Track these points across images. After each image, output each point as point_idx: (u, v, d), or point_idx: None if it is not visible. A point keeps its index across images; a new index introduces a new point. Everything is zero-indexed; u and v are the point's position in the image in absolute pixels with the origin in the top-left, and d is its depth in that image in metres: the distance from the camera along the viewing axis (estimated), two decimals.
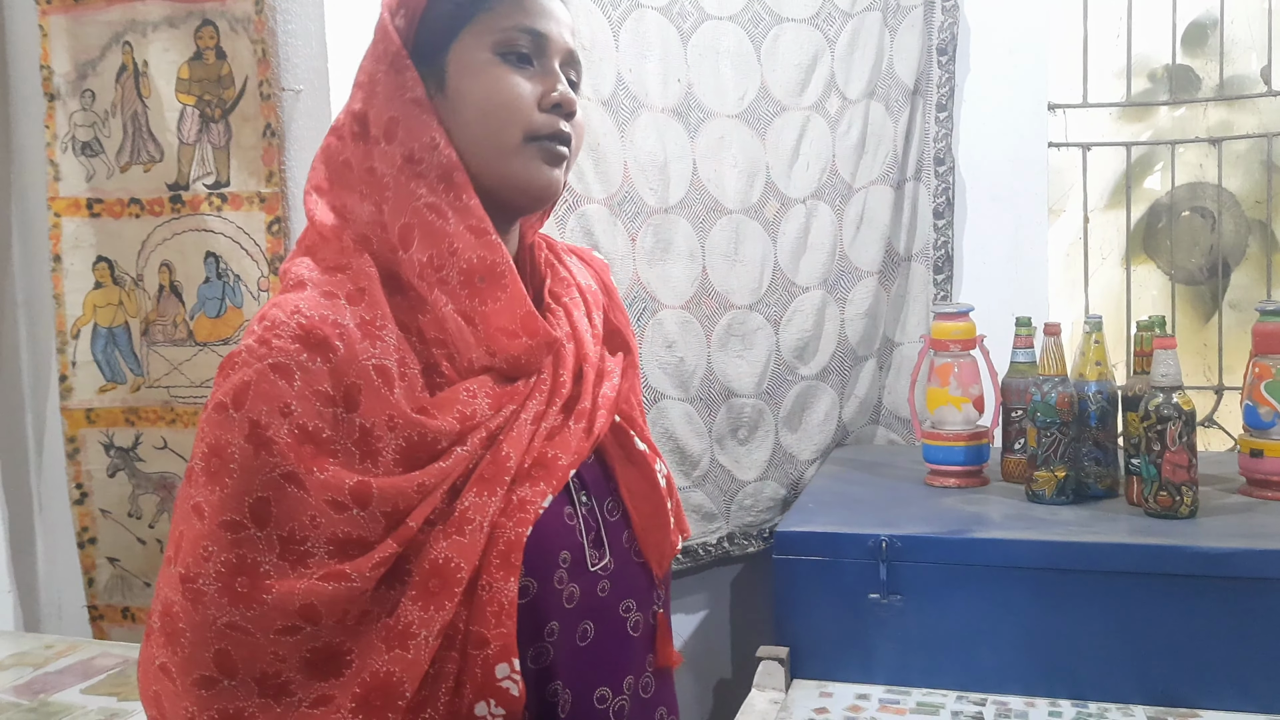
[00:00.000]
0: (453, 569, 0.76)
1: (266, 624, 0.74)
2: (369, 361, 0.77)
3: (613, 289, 1.00)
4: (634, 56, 1.94)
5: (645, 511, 0.91)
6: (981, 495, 1.77)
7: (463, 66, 0.84)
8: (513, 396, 0.83)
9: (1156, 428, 1.55)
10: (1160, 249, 2.42)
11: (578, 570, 0.84)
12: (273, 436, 0.74)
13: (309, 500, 0.75)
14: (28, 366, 1.76)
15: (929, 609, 1.53)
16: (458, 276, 0.81)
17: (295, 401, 0.75)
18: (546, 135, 0.84)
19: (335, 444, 0.76)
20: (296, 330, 0.77)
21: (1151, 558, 1.45)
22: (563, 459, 0.84)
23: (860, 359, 2.24)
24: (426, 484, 0.77)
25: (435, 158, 0.82)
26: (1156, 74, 2.41)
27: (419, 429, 0.78)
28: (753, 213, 2.11)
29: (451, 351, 0.82)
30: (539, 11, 0.85)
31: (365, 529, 0.76)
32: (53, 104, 1.65)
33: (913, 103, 2.23)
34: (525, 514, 0.80)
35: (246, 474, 0.74)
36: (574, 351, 0.89)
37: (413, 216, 0.82)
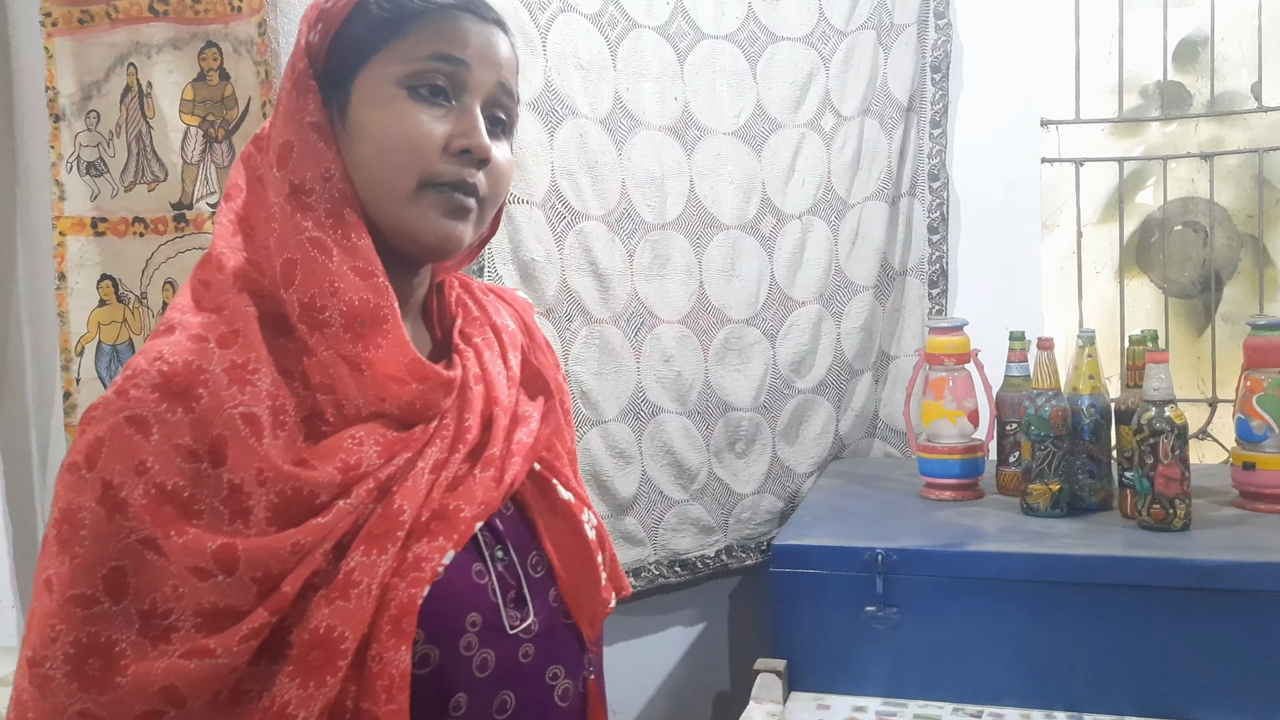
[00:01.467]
0: (336, 639, 0.68)
1: (123, 710, 0.66)
2: (235, 410, 0.69)
3: (535, 329, 0.92)
4: (631, 76, 1.97)
5: (573, 566, 0.83)
6: (976, 508, 1.79)
7: (365, 96, 0.75)
8: (407, 444, 0.75)
9: (1149, 441, 1.57)
10: (1153, 263, 2.44)
11: (492, 634, 0.76)
12: (127, 498, 0.66)
13: (170, 568, 0.67)
14: (32, 384, 1.77)
15: (925, 622, 1.54)
16: (339, 319, 0.73)
17: (152, 458, 0.67)
18: (448, 183, 0.75)
19: (199, 503, 0.68)
20: (156, 378, 0.69)
21: (1145, 570, 1.47)
22: (466, 510, 0.75)
23: (856, 373, 2.26)
24: (302, 543, 0.69)
25: (327, 190, 0.74)
26: (1148, 90, 2.44)
27: (293, 482, 0.69)
28: (749, 228, 2.13)
29: (339, 398, 0.74)
30: (462, 41, 0.76)
31: (235, 597, 0.67)
32: (58, 125, 1.67)
33: (907, 119, 2.26)
34: (420, 573, 0.71)
35: (99, 541, 0.66)
36: (483, 394, 0.81)
37: (296, 251, 0.74)
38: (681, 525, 2.06)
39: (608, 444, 1.94)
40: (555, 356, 0.95)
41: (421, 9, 0.76)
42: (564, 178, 1.87)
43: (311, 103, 0.76)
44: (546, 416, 0.86)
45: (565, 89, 1.86)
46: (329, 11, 0.77)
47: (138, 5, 1.61)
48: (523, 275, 1.81)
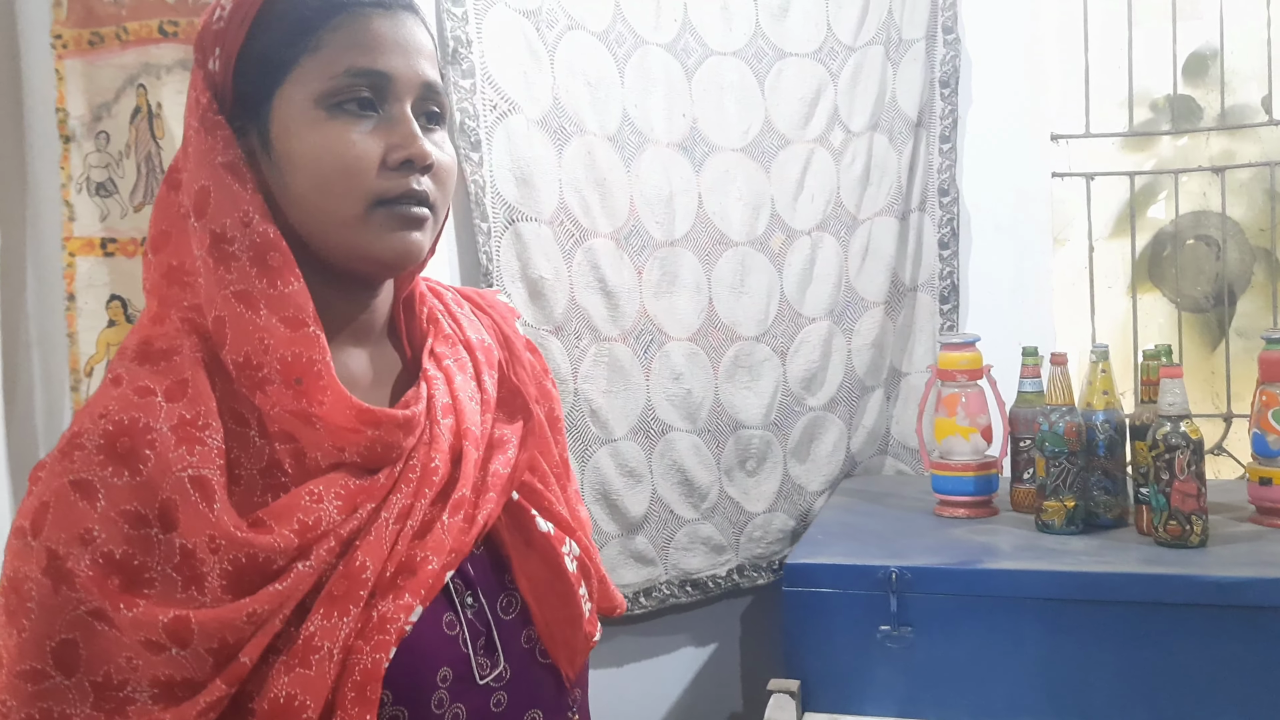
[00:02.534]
0: (297, 709, 0.64)
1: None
2: (185, 473, 0.65)
3: (513, 339, 0.86)
4: (639, 93, 1.97)
5: (549, 605, 0.78)
6: (991, 525, 1.77)
7: (287, 124, 0.70)
8: (370, 493, 0.70)
9: (1165, 457, 1.55)
10: (1165, 277, 2.43)
11: (462, 686, 0.72)
12: (73, 569, 0.63)
13: (123, 639, 0.63)
14: (41, 404, 1.77)
15: (940, 640, 1.53)
16: (278, 376, 0.69)
17: (98, 525, 0.64)
18: (396, 198, 0.71)
19: (150, 570, 0.64)
20: (100, 439, 0.65)
21: (1162, 587, 1.45)
22: (434, 562, 0.71)
23: (868, 389, 2.25)
24: (258, 612, 0.65)
25: (246, 236, 0.69)
26: (1158, 104, 2.43)
27: (247, 549, 0.65)
28: (758, 245, 2.12)
29: (299, 446, 0.70)
30: (381, 47, 0.71)
31: (190, 670, 0.64)
32: (68, 146, 1.67)
33: (916, 135, 2.25)
34: (385, 635, 0.67)
35: (47, 613, 0.63)
36: (452, 427, 0.76)
37: (223, 307, 0.69)
38: (692, 544, 2.04)
39: (617, 463, 1.93)
40: (543, 362, 0.91)
41: (325, 12, 0.71)
42: (572, 195, 1.87)
43: (220, 140, 0.71)
44: (525, 441, 0.80)
45: (573, 106, 1.86)
46: (225, 34, 0.72)
47: (148, 26, 1.62)
48: (531, 293, 1.81)
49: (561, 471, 0.87)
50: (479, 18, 1.75)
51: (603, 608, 0.88)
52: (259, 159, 0.72)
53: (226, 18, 0.72)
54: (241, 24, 0.71)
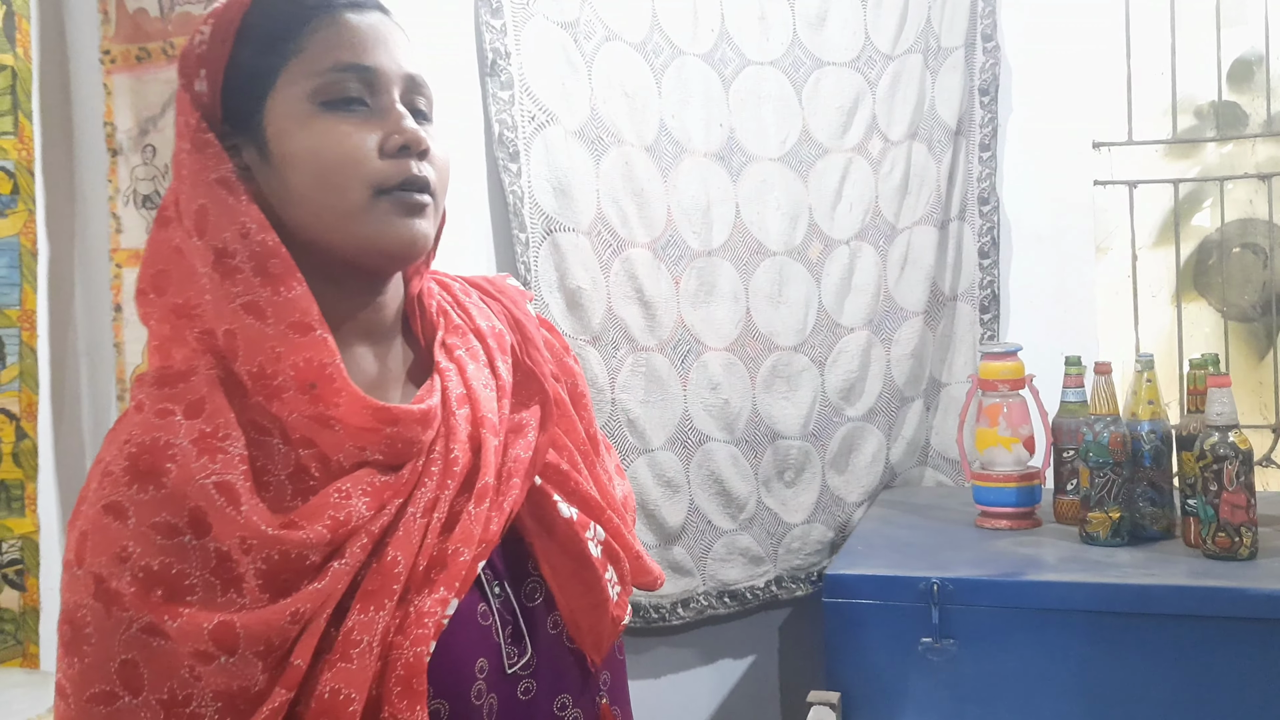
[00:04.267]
0: (342, 702, 0.65)
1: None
2: (208, 480, 0.66)
3: (525, 322, 0.86)
4: (677, 103, 1.97)
5: (573, 591, 0.78)
6: (1034, 537, 1.75)
7: (282, 127, 0.72)
8: (396, 489, 0.72)
9: (1213, 467, 1.52)
10: (1211, 286, 2.39)
11: (497, 677, 0.74)
12: (118, 588, 0.64)
13: (180, 652, 0.64)
14: (88, 413, 1.80)
15: (983, 653, 1.51)
16: (292, 384, 0.70)
17: (132, 542, 0.65)
18: (397, 185, 0.72)
19: (190, 578, 0.65)
20: (124, 462, 0.67)
21: (1211, 600, 1.42)
22: (465, 553, 0.71)
23: (907, 400, 2.23)
24: (300, 612, 0.66)
25: (247, 247, 0.70)
26: (1202, 110, 2.39)
27: (279, 546, 0.66)
28: (796, 254, 2.12)
29: (321, 450, 0.71)
30: (360, 43, 0.73)
31: (243, 676, 0.65)
32: (115, 159, 1.70)
33: (955, 143, 2.24)
34: (424, 629, 0.68)
35: (103, 636, 0.64)
36: (469, 417, 0.77)
37: (233, 320, 0.70)
38: (730, 555, 2.03)
39: (655, 473, 1.92)
40: (560, 339, 0.91)
41: (302, 17, 0.73)
42: (610, 205, 1.87)
43: (212, 158, 0.72)
44: (544, 422, 0.80)
45: (611, 117, 1.87)
46: (208, 55, 0.74)
47: None
48: (569, 303, 1.81)
49: (589, 449, 0.86)
50: (517, 30, 1.76)
51: (641, 583, 0.87)
52: (256, 169, 0.74)
53: (208, 39, 0.74)
54: (224, 42, 0.73)
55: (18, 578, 1.60)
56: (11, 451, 1.60)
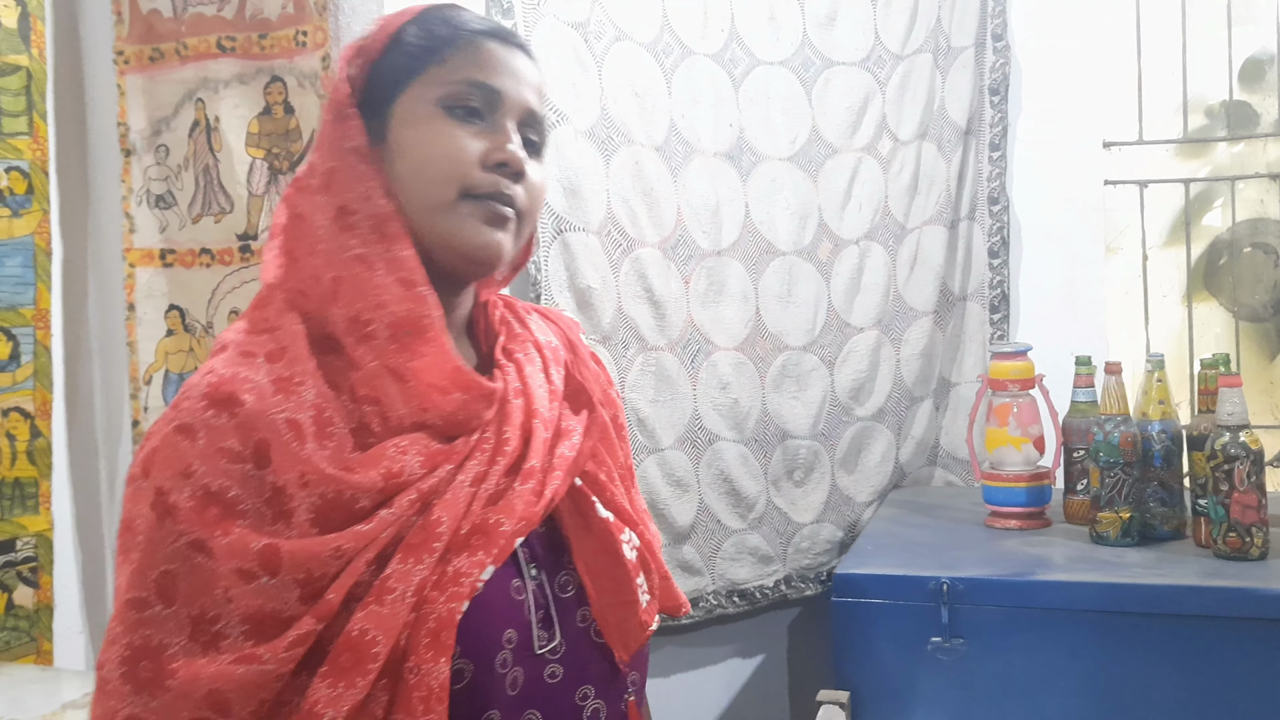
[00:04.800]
0: (368, 643, 0.68)
1: (170, 715, 0.68)
2: (279, 415, 0.71)
3: (579, 345, 0.93)
4: (686, 103, 1.97)
5: (605, 588, 0.82)
6: (1044, 537, 1.75)
7: (405, 118, 0.80)
8: (449, 456, 0.76)
9: (1224, 467, 1.52)
10: (1222, 286, 2.38)
11: (523, 653, 0.77)
12: (175, 502, 0.69)
13: (219, 571, 0.68)
14: (101, 412, 1.81)
15: (992, 653, 1.51)
16: (384, 330, 0.76)
17: (198, 461, 0.70)
18: (486, 194, 0.78)
19: (244, 503, 0.70)
20: (205, 389, 0.72)
21: (1222, 601, 1.42)
22: (506, 525, 0.76)
23: (916, 399, 2.23)
24: (344, 548, 0.70)
25: (369, 208, 0.78)
26: (1213, 110, 2.39)
27: (334, 485, 0.71)
28: (805, 254, 2.12)
29: (384, 409, 0.76)
30: (494, 67, 0.81)
31: (278, 600, 0.69)
32: (129, 159, 1.71)
33: (965, 143, 2.24)
34: (459, 587, 0.72)
35: (152, 545, 0.69)
36: (523, 408, 0.82)
37: (343, 269, 0.77)
38: (739, 554, 2.04)
39: (664, 472, 1.93)
40: (607, 373, 0.96)
41: (452, 36, 0.81)
42: (620, 205, 1.88)
43: (351, 129, 0.80)
44: (589, 429, 0.86)
45: (621, 117, 1.87)
46: (367, 48, 0.83)
47: (206, 42, 1.65)
48: (579, 303, 1.82)
49: (626, 475, 0.91)
50: (528, 29, 1.77)
51: (666, 606, 0.91)
52: (376, 150, 0.81)
53: (371, 36, 0.83)
54: (384, 39, 0.82)
55: (32, 575, 1.62)
56: (26, 449, 1.61)
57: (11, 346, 1.60)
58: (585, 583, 0.82)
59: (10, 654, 1.59)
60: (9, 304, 1.59)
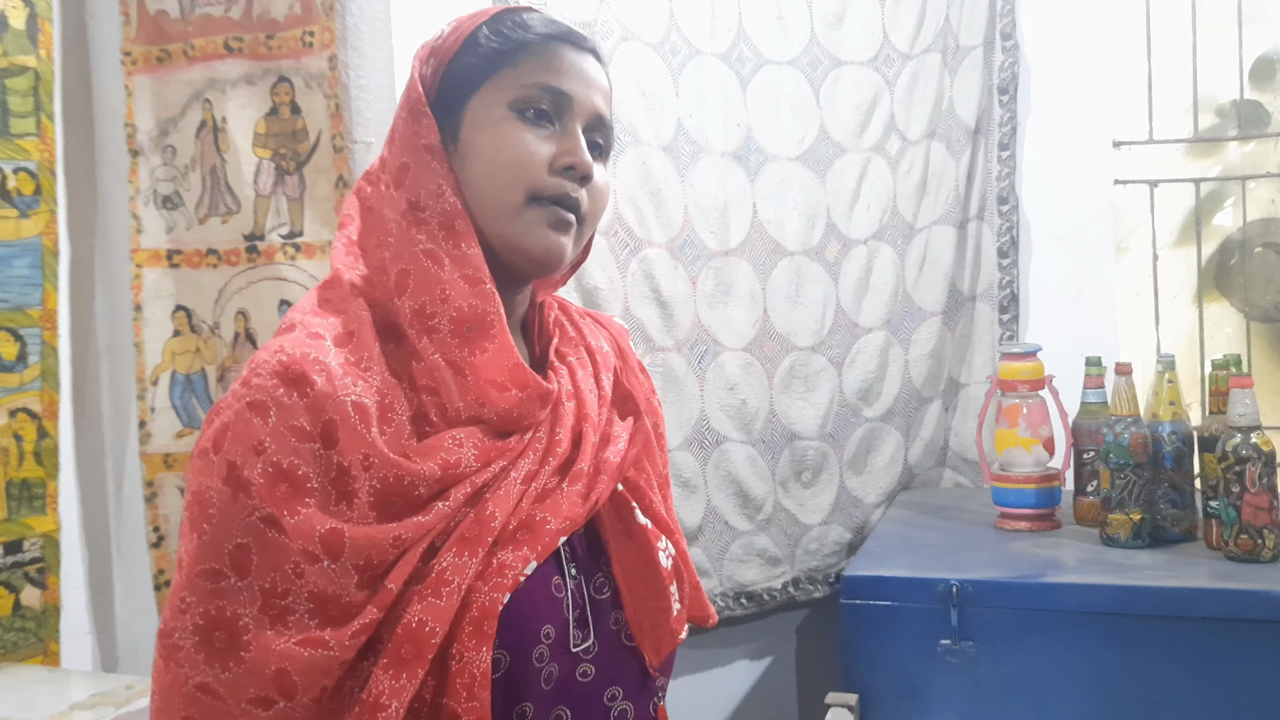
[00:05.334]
0: (426, 634, 0.71)
1: (240, 690, 0.70)
2: (347, 398, 0.73)
3: (629, 353, 0.95)
4: (694, 103, 1.97)
5: (639, 593, 0.84)
6: (1054, 539, 1.74)
7: (477, 119, 0.81)
8: (503, 452, 0.78)
9: (1235, 469, 1.51)
10: (1233, 286, 2.37)
11: (558, 649, 0.78)
12: (249, 477, 0.71)
13: (290, 547, 0.71)
14: (108, 412, 1.81)
15: (1003, 655, 1.50)
16: (448, 324, 0.78)
17: (269, 438, 0.72)
18: (551, 197, 0.80)
19: (311, 481, 0.72)
20: (275, 367, 0.74)
21: (1234, 603, 1.41)
22: (551, 523, 0.78)
23: (925, 400, 2.22)
24: (403, 538, 0.72)
25: (439, 205, 0.80)
26: (1224, 109, 2.37)
27: (395, 470, 0.73)
28: (814, 254, 2.11)
29: (442, 400, 0.78)
30: (565, 71, 0.82)
31: (338, 584, 0.71)
32: (136, 159, 1.71)
33: (974, 142, 2.23)
34: (503, 579, 0.74)
35: (226, 519, 0.71)
36: (574, 411, 0.84)
37: (410, 262, 0.79)
38: (747, 556, 2.03)
39: (672, 473, 1.92)
40: (650, 382, 0.98)
41: (525, 40, 0.82)
42: (627, 205, 1.87)
43: (426, 127, 0.81)
44: (634, 436, 0.88)
45: (628, 117, 1.87)
46: (441, 48, 0.84)
47: (213, 43, 1.65)
48: (586, 303, 1.81)
49: (663, 484, 0.93)
50: None
51: (695, 616, 0.92)
52: (448, 150, 0.82)
53: (446, 37, 0.85)
54: (457, 40, 0.84)
55: (39, 576, 1.62)
56: (33, 450, 1.61)
57: (19, 347, 1.60)
58: (620, 586, 0.84)
59: (17, 654, 1.59)
60: (16, 305, 1.59)
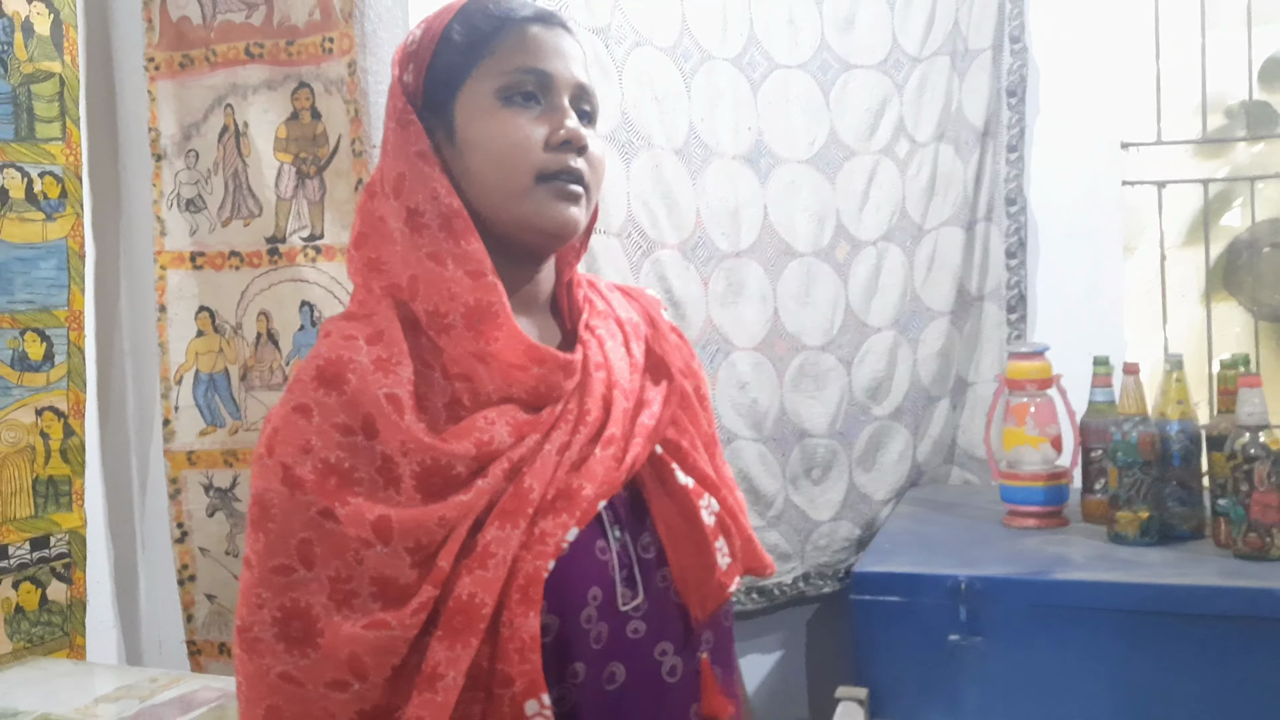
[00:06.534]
0: (477, 605, 0.75)
1: (318, 675, 0.75)
2: (381, 391, 0.78)
3: (659, 320, 0.97)
4: (705, 106, 1.99)
5: (683, 550, 0.87)
6: (1062, 536, 1.76)
7: (468, 114, 0.84)
8: (535, 426, 0.82)
9: (1244, 467, 1.53)
10: (1242, 286, 2.38)
11: (607, 609, 0.82)
12: (301, 475, 0.77)
13: (348, 535, 0.76)
14: (133, 411, 1.84)
15: (1011, 651, 1.52)
16: (460, 320, 0.81)
17: (315, 437, 0.77)
18: (556, 173, 0.83)
19: (358, 472, 0.77)
20: (314, 371, 0.80)
21: (1242, 601, 1.43)
22: (588, 489, 0.81)
23: (934, 399, 2.24)
24: (448, 518, 0.77)
25: (436, 208, 0.83)
26: (1233, 110, 2.39)
27: (431, 452, 0.77)
28: (823, 255, 2.13)
29: (474, 385, 0.82)
30: (541, 50, 0.85)
31: (393, 567, 0.76)
32: (160, 164, 1.74)
33: (983, 144, 2.25)
34: (545, 547, 0.78)
35: (287, 516, 0.76)
36: (604, 380, 0.87)
37: (417, 267, 0.83)
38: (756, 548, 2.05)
39: None
40: (689, 347, 1.00)
41: (497, 28, 0.85)
42: (640, 207, 1.90)
43: (414, 134, 0.84)
44: (668, 399, 0.90)
45: (641, 121, 1.89)
46: (417, 53, 0.87)
47: (235, 49, 1.68)
48: None
49: (710, 443, 0.96)
50: None
51: (751, 567, 0.95)
52: (444, 149, 0.85)
53: (418, 40, 0.87)
54: (431, 42, 0.86)
55: (65, 571, 1.65)
56: (60, 448, 1.64)
57: (45, 347, 1.63)
58: (665, 545, 0.86)
59: (44, 648, 1.63)
60: (43, 306, 1.63)
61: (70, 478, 1.65)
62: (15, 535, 1.59)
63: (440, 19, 0.87)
